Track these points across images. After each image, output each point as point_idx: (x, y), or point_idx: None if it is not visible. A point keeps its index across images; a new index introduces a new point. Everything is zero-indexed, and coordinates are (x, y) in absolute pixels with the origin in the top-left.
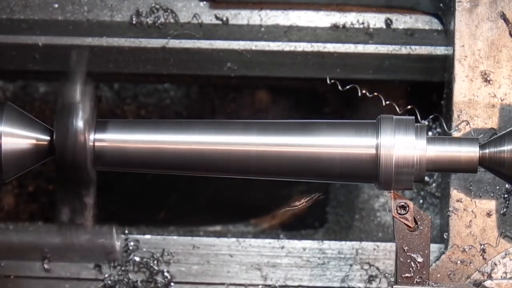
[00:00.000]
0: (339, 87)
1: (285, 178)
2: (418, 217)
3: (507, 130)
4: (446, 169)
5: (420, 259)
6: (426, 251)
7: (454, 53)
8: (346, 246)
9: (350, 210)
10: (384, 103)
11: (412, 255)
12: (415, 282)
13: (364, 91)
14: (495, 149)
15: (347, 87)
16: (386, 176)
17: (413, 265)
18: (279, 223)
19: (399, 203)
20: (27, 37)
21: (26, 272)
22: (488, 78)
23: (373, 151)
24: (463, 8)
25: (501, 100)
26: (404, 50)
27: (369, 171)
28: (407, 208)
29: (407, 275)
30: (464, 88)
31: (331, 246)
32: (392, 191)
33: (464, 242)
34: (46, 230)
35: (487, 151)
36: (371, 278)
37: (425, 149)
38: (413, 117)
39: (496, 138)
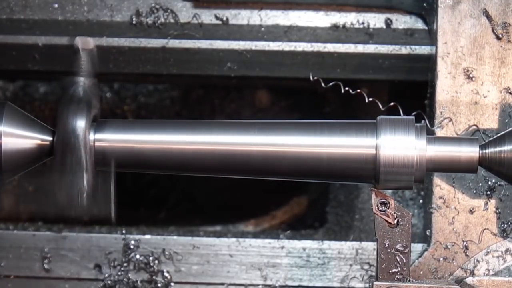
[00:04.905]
0: (322, 84)
1: (285, 178)
2: (399, 213)
3: (507, 130)
4: (446, 169)
5: (401, 256)
6: (407, 248)
7: (436, 50)
8: (346, 246)
9: (350, 210)
10: (367, 100)
11: (393, 251)
12: (396, 278)
13: (347, 88)
14: (495, 149)
15: (330, 84)
16: (386, 177)
17: (394, 261)
18: (279, 223)
19: (380, 199)
20: (27, 37)
21: (26, 272)
22: (471, 75)
23: (373, 151)
24: (445, 5)
25: (484, 97)
26: (404, 50)
27: (369, 171)
28: (388, 205)
29: (388, 271)
30: (447, 85)
31: (331, 246)
32: (371, 188)
33: (446, 239)
34: (46, 230)
35: (487, 151)
36: (371, 278)
37: (425, 149)
38: (413, 117)
39: (496, 138)
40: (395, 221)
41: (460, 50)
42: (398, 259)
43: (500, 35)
